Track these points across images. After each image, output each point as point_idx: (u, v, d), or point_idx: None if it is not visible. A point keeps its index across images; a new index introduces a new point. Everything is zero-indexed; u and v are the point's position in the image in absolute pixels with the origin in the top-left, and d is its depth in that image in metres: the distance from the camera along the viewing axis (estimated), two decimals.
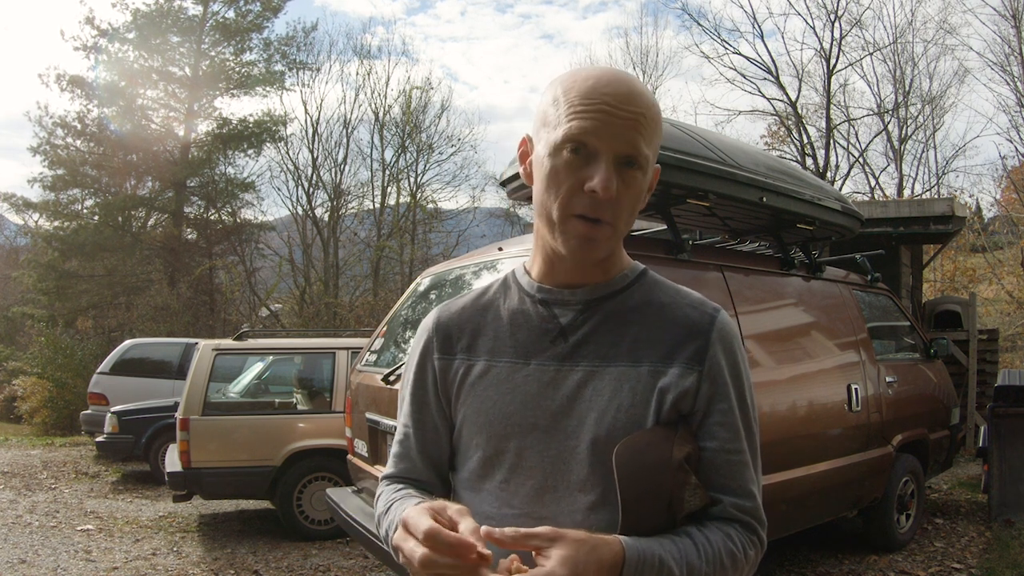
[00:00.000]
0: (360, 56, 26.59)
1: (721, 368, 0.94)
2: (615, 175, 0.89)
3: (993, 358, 8.57)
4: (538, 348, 0.97)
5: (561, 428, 0.93)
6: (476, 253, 3.91)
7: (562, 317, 0.97)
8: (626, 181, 0.90)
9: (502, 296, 1.04)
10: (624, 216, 0.92)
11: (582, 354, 0.95)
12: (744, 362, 0.97)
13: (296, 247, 20.98)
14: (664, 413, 0.91)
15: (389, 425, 3.49)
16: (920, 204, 8.39)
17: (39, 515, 6.14)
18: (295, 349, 6.30)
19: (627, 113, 0.89)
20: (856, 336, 4.34)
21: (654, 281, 1.01)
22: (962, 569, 4.39)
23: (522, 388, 0.96)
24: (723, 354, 0.94)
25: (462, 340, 1.03)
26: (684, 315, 0.96)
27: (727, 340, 0.95)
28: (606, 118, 0.88)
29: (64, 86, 18.47)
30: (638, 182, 0.91)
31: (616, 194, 0.89)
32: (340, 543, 5.31)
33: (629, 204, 0.92)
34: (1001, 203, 19.46)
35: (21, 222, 22.64)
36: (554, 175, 0.91)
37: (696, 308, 0.97)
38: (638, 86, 0.92)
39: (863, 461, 4.14)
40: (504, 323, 1.01)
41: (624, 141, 0.89)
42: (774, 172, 3.71)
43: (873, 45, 20.46)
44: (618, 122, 0.88)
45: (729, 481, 0.93)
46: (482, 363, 1.00)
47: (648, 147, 0.91)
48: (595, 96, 0.89)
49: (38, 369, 14.03)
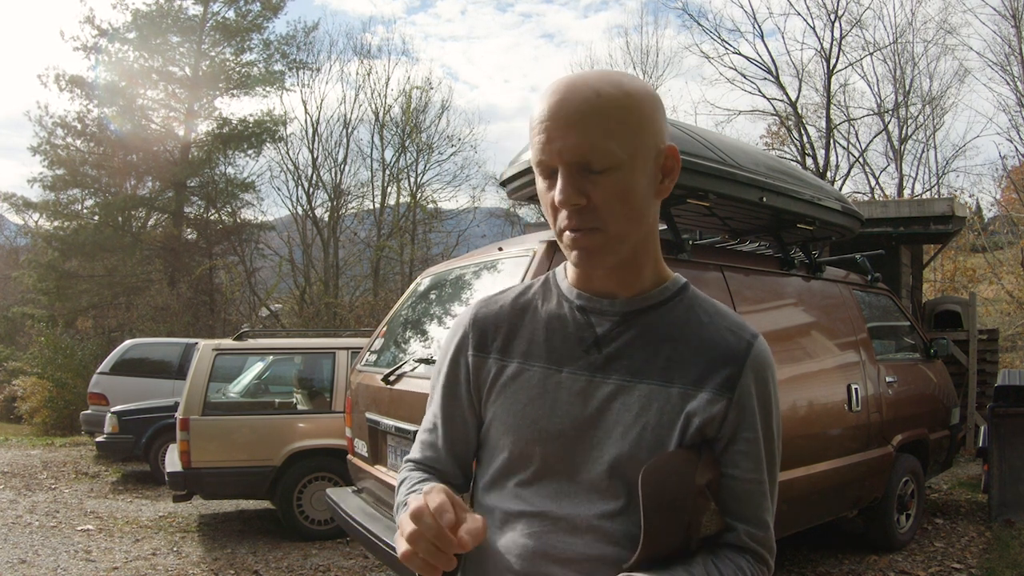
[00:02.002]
0: (360, 56, 26.63)
1: (751, 397, 0.93)
2: (581, 182, 0.87)
3: (993, 358, 8.57)
4: (571, 356, 0.97)
5: (587, 438, 0.93)
6: (476, 253, 3.91)
7: (598, 327, 0.97)
8: (597, 184, 0.87)
9: (541, 297, 1.04)
10: (615, 219, 0.89)
11: (614, 367, 0.94)
12: (775, 392, 0.96)
13: (296, 247, 20.99)
14: (689, 436, 0.91)
15: (389, 425, 3.49)
16: (920, 204, 8.39)
17: (39, 515, 6.14)
18: (295, 349, 6.30)
19: (564, 120, 0.86)
20: (856, 336, 4.34)
21: (694, 297, 0.99)
22: (962, 569, 4.39)
23: (552, 395, 0.96)
24: (755, 383, 0.93)
25: (497, 340, 1.02)
26: (721, 339, 0.94)
27: (761, 369, 0.94)
28: (550, 131, 0.87)
29: (64, 86, 18.48)
30: (615, 182, 0.88)
31: (590, 199, 0.87)
32: (340, 543, 5.31)
33: (617, 206, 0.88)
34: (1001, 203, 19.46)
35: (21, 222, 22.67)
36: (542, 200, 0.94)
37: (734, 332, 0.95)
38: (578, 86, 0.88)
39: (863, 461, 4.14)
40: (540, 326, 1.00)
41: (569, 149, 0.86)
42: (774, 172, 3.71)
43: (873, 45, 20.49)
44: (558, 134, 0.87)
45: (746, 510, 0.94)
46: (515, 365, 1.00)
47: (608, 140, 0.86)
48: (545, 113, 0.88)
49: (38, 369, 14.03)
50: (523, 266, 3.08)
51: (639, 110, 0.89)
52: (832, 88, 20.18)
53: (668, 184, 0.94)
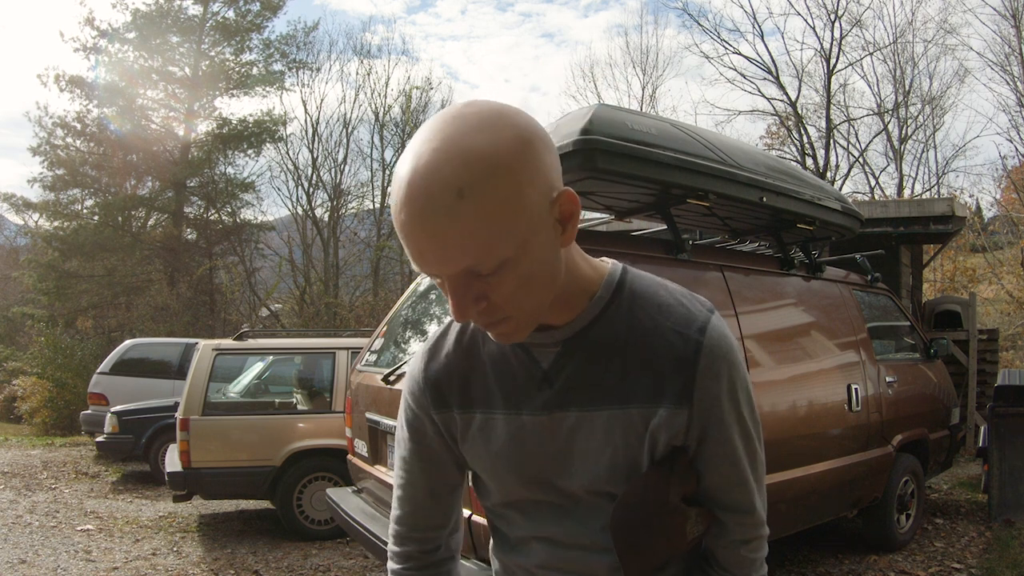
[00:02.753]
0: (360, 55, 26.68)
1: (711, 398, 0.87)
2: (474, 288, 0.77)
3: (993, 358, 8.57)
4: (526, 396, 0.93)
5: (563, 473, 0.93)
6: None
7: (543, 361, 0.92)
8: (493, 284, 0.76)
9: (480, 337, 0.98)
10: (525, 305, 0.80)
11: (570, 399, 0.91)
12: (738, 378, 0.89)
13: (296, 247, 20.99)
14: (659, 452, 0.89)
15: (389, 425, 3.49)
16: (920, 204, 8.39)
17: (39, 515, 6.14)
18: (295, 349, 6.30)
19: (433, 235, 0.71)
20: (856, 336, 4.34)
21: (634, 294, 0.91)
22: (962, 569, 4.39)
23: (519, 439, 0.94)
24: (712, 382, 0.87)
25: (453, 392, 0.99)
26: (667, 344, 0.87)
27: (715, 364, 0.87)
28: (419, 247, 0.73)
29: (64, 86, 18.49)
30: (508, 276, 0.76)
31: (489, 298, 0.78)
32: (340, 543, 5.31)
33: (519, 294, 0.78)
34: (1001, 203, 19.47)
35: (21, 222, 22.66)
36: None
37: (680, 333, 0.87)
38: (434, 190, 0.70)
39: (863, 461, 4.14)
40: (488, 370, 0.96)
41: (448, 264, 0.74)
42: (774, 172, 3.71)
43: (873, 45, 20.52)
44: (428, 248, 0.72)
45: (729, 500, 0.93)
46: (479, 416, 0.97)
47: (482, 249, 0.72)
48: (398, 226, 0.73)
49: (38, 369, 14.03)
50: None
51: (515, 181, 0.72)
52: (832, 88, 20.21)
53: (571, 229, 0.81)
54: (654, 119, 3.45)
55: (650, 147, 3.06)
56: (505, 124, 0.73)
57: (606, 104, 3.31)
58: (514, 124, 0.74)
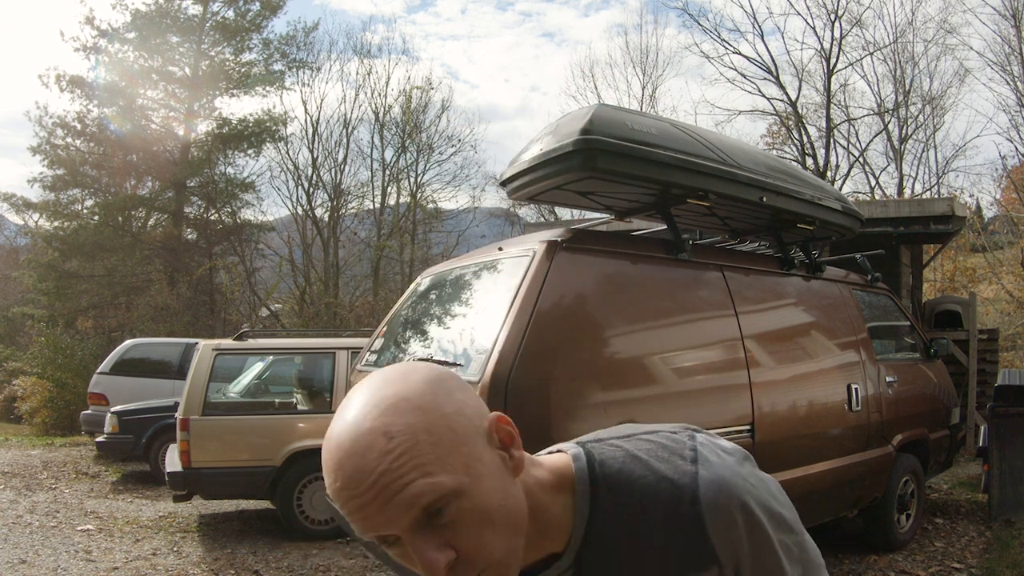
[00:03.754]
0: (360, 55, 26.61)
1: (734, 546, 0.81)
2: (431, 536, 0.71)
3: (993, 358, 8.58)
4: None
5: None
6: (476, 253, 3.91)
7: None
8: (450, 524, 0.71)
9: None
10: (493, 548, 0.73)
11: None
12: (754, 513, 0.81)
13: (296, 247, 20.98)
14: None
15: None
16: (920, 204, 8.39)
17: (39, 515, 6.14)
18: (295, 349, 6.30)
19: (372, 492, 0.69)
20: (856, 336, 4.34)
21: (609, 490, 0.84)
22: (962, 569, 4.39)
23: None
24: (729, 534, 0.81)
25: None
26: (667, 533, 0.81)
27: (724, 519, 0.80)
28: (364, 514, 0.70)
29: (64, 86, 18.48)
30: (465, 508, 0.71)
31: (456, 547, 0.71)
32: (340, 543, 5.31)
33: (483, 532, 0.73)
34: (1001, 203, 19.47)
35: (21, 222, 22.67)
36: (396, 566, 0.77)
37: (676, 514, 0.81)
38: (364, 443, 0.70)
39: (863, 461, 4.14)
40: None
41: (398, 514, 0.69)
42: (774, 172, 3.71)
43: (873, 45, 20.50)
44: (375, 507, 0.69)
45: None
46: None
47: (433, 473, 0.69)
48: (339, 499, 0.71)
49: (38, 369, 14.02)
50: (523, 266, 3.08)
51: (437, 412, 0.72)
52: (832, 88, 20.20)
53: (518, 454, 0.78)
54: (654, 119, 3.45)
55: (650, 147, 3.06)
56: (412, 372, 0.75)
57: (606, 104, 3.31)
58: (422, 370, 0.76)
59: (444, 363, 3.29)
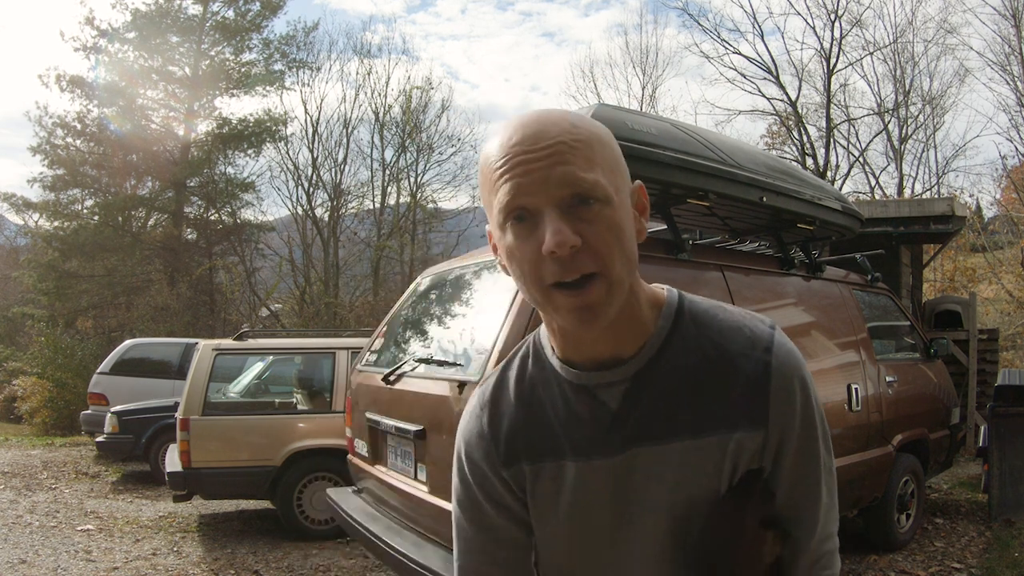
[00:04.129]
0: (360, 55, 26.56)
1: (787, 417, 0.87)
2: (569, 221, 0.78)
3: (993, 358, 8.57)
4: (594, 442, 0.90)
5: (637, 516, 0.90)
6: (476, 253, 3.91)
7: (610, 402, 0.89)
8: (589, 219, 0.79)
9: (540, 383, 0.95)
10: (614, 259, 0.80)
11: (641, 438, 0.88)
12: (811, 393, 0.89)
13: (296, 247, 20.97)
14: (738, 476, 0.88)
15: (389, 425, 3.49)
16: (920, 204, 8.40)
17: (39, 515, 6.14)
18: (295, 349, 6.30)
19: (544, 151, 0.78)
20: (856, 336, 4.34)
21: (695, 323, 0.91)
22: (962, 569, 4.39)
23: (591, 487, 0.91)
24: (786, 401, 0.87)
25: (519, 444, 0.95)
26: (736, 369, 0.87)
27: (787, 384, 0.87)
28: (526, 168, 0.78)
29: (64, 86, 18.48)
30: (607, 214, 0.80)
31: (584, 239, 0.78)
32: (340, 543, 5.31)
33: (614, 244, 0.80)
34: (1001, 203, 19.46)
35: (21, 222, 22.65)
36: (511, 254, 0.82)
37: (747, 356, 0.87)
38: (551, 117, 0.81)
39: (863, 461, 4.14)
40: (552, 420, 0.93)
41: (556, 183, 0.78)
42: (774, 172, 3.71)
43: (873, 45, 20.47)
44: (539, 165, 0.78)
45: (805, 516, 0.91)
46: (548, 466, 0.93)
47: (594, 171, 0.79)
48: (508, 153, 0.79)
49: (38, 369, 14.02)
50: None
51: (613, 145, 0.85)
52: (832, 88, 20.17)
53: (644, 223, 0.88)
54: (654, 119, 3.45)
55: (650, 147, 3.06)
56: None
57: (606, 104, 3.31)
58: None
59: (444, 363, 3.30)
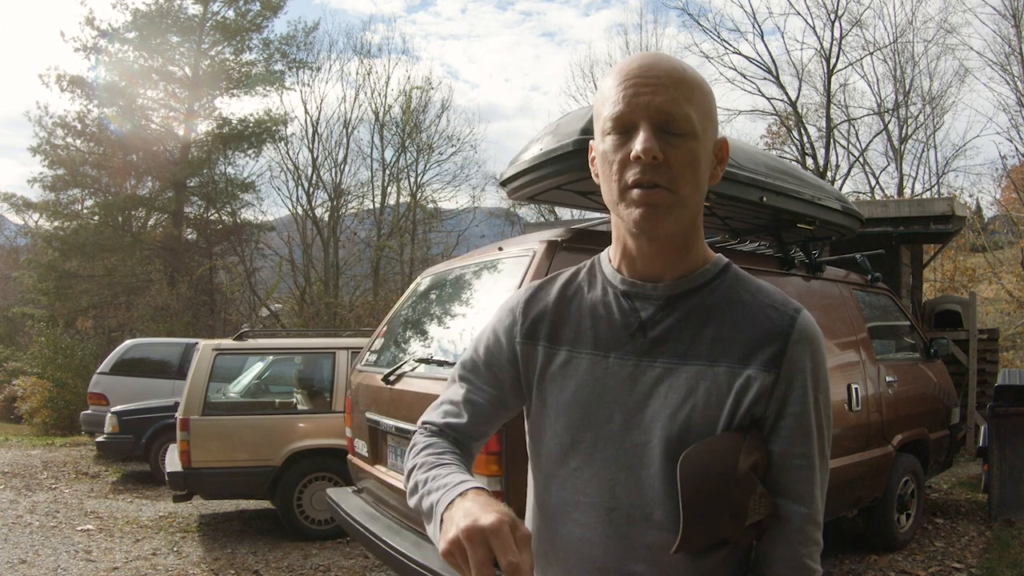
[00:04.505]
0: (360, 55, 26.61)
1: (797, 371, 0.93)
2: (659, 140, 0.90)
3: (993, 358, 8.57)
4: (617, 341, 0.98)
5: (636, 424, 0.94)
6: (476, 253, 3.91)
7: (643, 311, 0.98)
8: (675, 144, 0.91)
9: (587, 284, 1.06)
10: (685, 183, 0.91)
11: (660, 350, 0.96)
12: (823, 366, 0.96)
13: (296, 247, 20.97)
14: (739, 416, 0.91)
15: (389, 425, 3.49)
16: (920, 204, 8.39)
17: (39, 515, 6.14)
18: (295, 349, 6.29)
19: (655, 80, 0.91)
20: (856, 336, 4.34)
21: (736, 276, 1.01)
22: (962, 569, 4.39)
23: (601, 381, 0.97)
24: (800, 357, 0.93)
25: (545, 327, 1.04)
26: (764, 316, 0.95)
27: (806, 342, 0.94)
28: (636, 90, 0.91)
29: (64, 86, 18.49)
30: (689, 148, 0.91)
31: (665, 158, 0.89)
32: (340, 543, 5.31)
33: (687, 170, 0.91)
34: (1001, 203, 19.45)
35: (21, 222, 22.67)
36: (604, 158, 0.95)
37: (777, 309, 0.96)
38: (669, 59, 0.95)
39: (863, 461, 4.14)
40: (586, 314, 1.02)
41: (656, 108, 0.90)
42: (774, 172, 3.71)
43: (873, 45, 20.48)
44: (647, 90, 0.91)
45: (796, 486, 0.93)
46: (564, 353, 1.01)
47: (689, 108, 0.91)
48: (635, 71, 0.92)
49: (38, 369, 14.02)
50: (523, 266, 3.08)
51: (711, 96, 0.96)
52: (832, 88, 20.19)
53: (719, 172, 0.99)
54: None
55: None
56: None
57: None
58: None
59: (444, 363, 3.30)
